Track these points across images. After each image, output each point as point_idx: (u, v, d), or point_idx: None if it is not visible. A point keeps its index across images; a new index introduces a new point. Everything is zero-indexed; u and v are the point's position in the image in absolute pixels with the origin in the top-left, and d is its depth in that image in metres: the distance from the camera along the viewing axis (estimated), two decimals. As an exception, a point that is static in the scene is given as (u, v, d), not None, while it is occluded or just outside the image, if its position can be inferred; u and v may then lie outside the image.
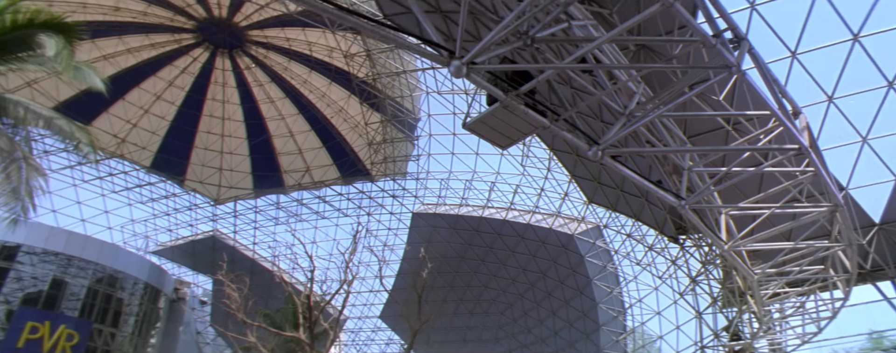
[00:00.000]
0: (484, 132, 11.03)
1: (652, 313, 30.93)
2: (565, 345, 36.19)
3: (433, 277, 27.22)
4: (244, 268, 29.31)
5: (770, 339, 21.01)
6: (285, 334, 23.42)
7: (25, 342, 29.38)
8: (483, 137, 11.33)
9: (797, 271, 15.06)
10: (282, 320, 28.94)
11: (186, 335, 40.82)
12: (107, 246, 36.22)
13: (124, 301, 35.59)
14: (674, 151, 12.65)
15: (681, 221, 23.54)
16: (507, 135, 11.03)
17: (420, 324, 21.33)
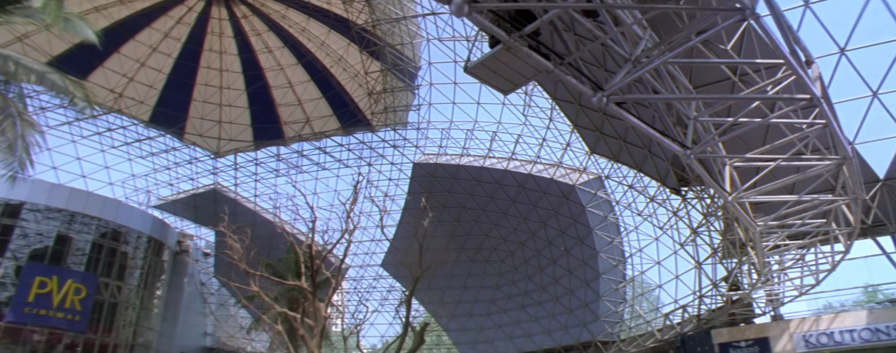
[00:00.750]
0: (485, 76, 10.71)
1: (652, 262, 31.25)
2: (565, 292, 36.69)
3: (434, 226, 27.33)
4: (246, 220, 29.39)
5: (768, 290, 21.22)
6: (288, 282, 23.76)
7: (35, 297, 30.19)
8: (484, 81, 11.03)
9: (799, 225, 15.01)
10: (284, 269, 29.34)
11: (191, 287, 41.49)
12: (109, 202, 36.42)
13: (129, 255, 36.11)
14: (680, 98, 12.35)
15: (683, 172, 23.43)
16: (509, 79, 10.72)
17: (421, 272, 21.51)
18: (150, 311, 37.48)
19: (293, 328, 21.37)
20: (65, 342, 31.68)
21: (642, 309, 33.78)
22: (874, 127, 17.06)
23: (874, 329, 20.31)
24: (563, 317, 37.09)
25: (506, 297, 40.66)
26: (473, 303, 42.05)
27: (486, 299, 41.58)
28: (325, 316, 21.43)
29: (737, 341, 23.32)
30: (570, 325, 36.75)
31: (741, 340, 23.26)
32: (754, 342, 22.88)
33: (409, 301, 22.47)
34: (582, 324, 35.86)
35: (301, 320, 20.19)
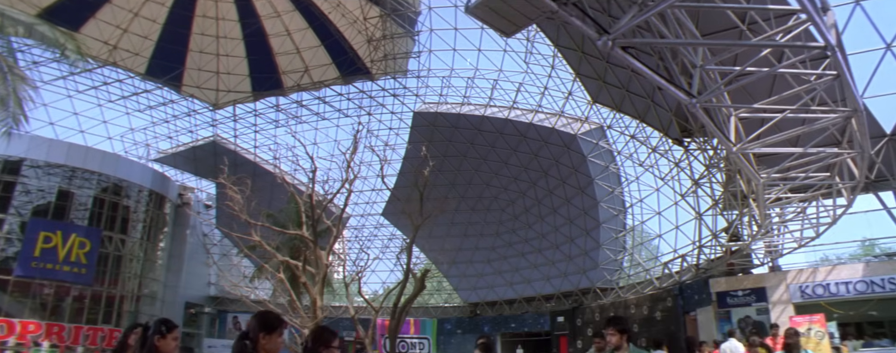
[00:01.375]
0: (487, 17, 10.38)
1: (652, 213, 31.35)
2: (565, 240, 37.00)
3: (435, 175, 27.26)
4: (246, 171, 29.23)
5: (767, 241, 21.29)
6: (289, 232, 23.89)
7: (41, 251, 30.76)
8: (486, 22, 10.72)
9: (803, 178, 14.87)
10: (285, 219, 29.48)
11: (193, 238, 41.88)
12: (109, 156, 36.36)
13: (131, 208, 36.39)
14: (688, 43, 11.98)
15: (686, 123, 23.14)
16: (511, 20, 10.40)
17: (422, 220, 21.60)
18: (154, 262, 37.99)
19: (295, 275, 21.56)
20: (73, 295, 32.48)
21: (641, 258, 34.14)
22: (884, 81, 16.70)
23: (869, 282, 20.51)
24: (563, 264, 37.54)
25: (506, 244, 41.06)
26: (474, 251, 42.51)
27: (487, 246, 42.01)
28: (327, 264, 21.62)
29: (734, 290, 23.61)
30: (569, 272, 37.24)
31: (738, 289, 23.54)
32: (751, 291, 23.17)
33: (409, 249, 22.66)
34: (581, 271, 36.33)
35: (303, 268, 20.35)
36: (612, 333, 4.96)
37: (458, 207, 39.70)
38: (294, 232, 22.84)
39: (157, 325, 3.48)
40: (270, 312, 3.56)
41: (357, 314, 22.84)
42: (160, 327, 3.47)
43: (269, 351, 3.21)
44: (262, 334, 3.21)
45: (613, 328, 4.97)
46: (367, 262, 32.93)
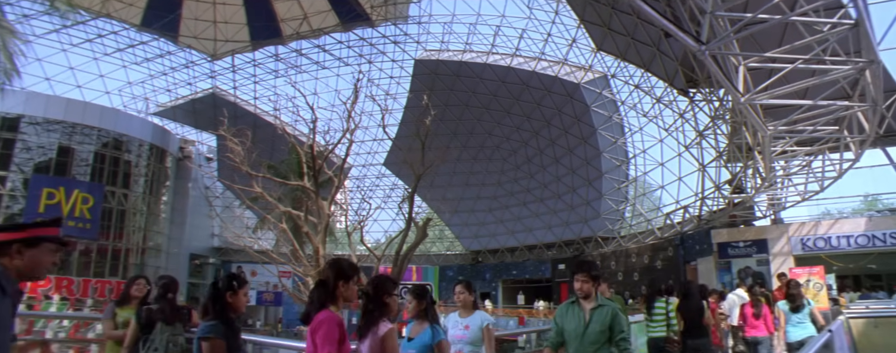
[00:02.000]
0: None
1: (655, 164, 31.15)
2: (567, 190, 37.00)
3: (436, 124, 27.01)
4: (246, 123, 28.97)
5: (770, 194, 21.19)
6: (291, 183, 23.78)
7: (45, 207, 31.02)
8: None
9: (810, 131, 14.61)
10: (287, 170, 29.31)
11: (195, 191, 41.96)
12: (107, 111, 35.99)
13: (132, 163, 36.33)
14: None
15: (692, 73, 22.66)
16: None
17: (423, 169, 21.46)
18: (157, 216, 38.23)
19: (297, 226, 21.59)
20: (79, 249, 32.83)
21: (643, 208, 34.16)
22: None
23: (870, 236, 20.60)
24: (565, 213, 37.69)
25: (508, 194, 41.13)
26: (475, 200, 42.63)
27: (488, 196, 42.10)
28: (329, 214, 21.60)
29: (735, 241, 23.71)
30: (571, 221, 37.42)
31: (740, 240, 23.64)
32: (752, 243, 23.28)
33: (411, 198, 22.63)
34: (583, 220, 36.49)
35: (305, 218, 20.34)
36: (584, 279, 4.46)
37: (460, 156, 39.57)
38: (295, 183, 22.73)
39: (228, 281, 3.40)
40: (346, 259, 3.56)
41: (359, 262, 22.93)
42: (231, 282, 3.40)
43: (346, 298, 3.27)
44: (341, 282, 3.25)
45: (584, 274, 4.46)
46: (369, 211, 33.19)
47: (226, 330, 3.30)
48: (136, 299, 5.08)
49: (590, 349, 4.33)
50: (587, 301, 4.46)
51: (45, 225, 2.59)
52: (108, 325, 5.08)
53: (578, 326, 4.40)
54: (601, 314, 4.37)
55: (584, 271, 4.47)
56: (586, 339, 4.34)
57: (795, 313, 7.78)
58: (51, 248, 2.55)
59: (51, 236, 2.57)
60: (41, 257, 2.51)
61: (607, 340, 4.32)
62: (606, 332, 4.32)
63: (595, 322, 4.36)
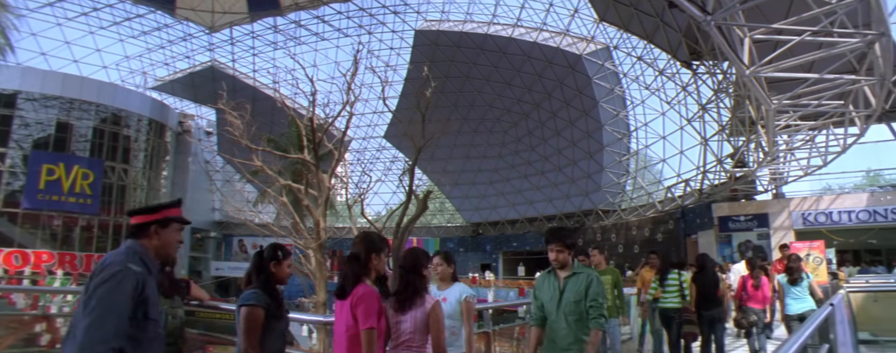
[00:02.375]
0: None
1: (657, 137, 30.94)
2: (568, 163, 36.90)
3: (437, 96, 26.79)
4: (246, 96, 28.62)
5: (772, 168, 21.09)
6: (291, 156, 23.68)
7: (46, 184, 31.07)
8: None
9: (815, 105, 14.43)
10: (286, 143, 29.21)
11: (195, 166, 41.89)
12: (105, 86, 35.69)
13: (131, 138, 36.24)
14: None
15: (696, 45, 22.33)
16: None
17: (424, 142, 21.41)
18: (158, 191, 38.28)
19: (298, 199, 21.63)
20: (81, 225, 33.04)
21: (644, 181, 34.09)
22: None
23: (872, 211, 20.60)
24: (566, 186, 37.65)
25: (508, 166, 41.04)
26: (476, 172, 42.55)
27: (489, 168, 42.01)
28: (329, 187, 21.60)
29: (736, 215, 23.69)
30: (571, 194, 37.41)
31: (741, 214, 23.63)
32: (753, 217, 23.26)
33: (412, 170, 22.62)
34: (584, 193, 36.49)
35: (305, 191, 20.36)
36: (558, 248, 4.09)
37: (461, 128, 39.34)
38: (296, 156, 22.64)
39: (273, 251, 3.37)
40: (375, 233, 3.72)
41: (360, 234, 23.00)
42: (276, 252, 3.37)
43: (377, 271, 3.41)
44: (373, 255, 3.40)
45: (558, 243, 4.10)
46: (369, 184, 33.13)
47: (268, 300, 3.26)
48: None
49: (567, 320, 4.03)
50: (563, 270, 4.17)
51: (171, 206, 2.83)
52: None
53: (553, 296, 4.12)
54: (576, 283, 4.08)
55: (558, 240, 4.12)
56: (562, 309, 4.06)
57: (794, 286, 7.95)
58: (177, 227, 2.81)
59: (176, 216, 2.82)
60: (171, 236, 2.77)
61: (584, 310, 4.03)
62: (581, 302, 4.02)
63: (570, 291, 4.06)
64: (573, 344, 4.01)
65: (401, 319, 3.42)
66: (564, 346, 4.03)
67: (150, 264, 2.62)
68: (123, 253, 2.56)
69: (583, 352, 3.99)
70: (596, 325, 3.96)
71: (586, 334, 3.99)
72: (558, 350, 4.05)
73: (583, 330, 4.01)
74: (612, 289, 7.10)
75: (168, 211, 2.78)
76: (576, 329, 4.01)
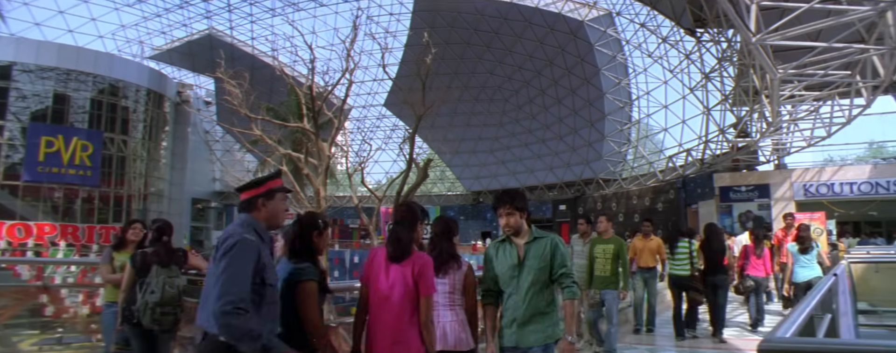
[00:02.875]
0: None
1: (658, 106, 30.71)
2: (569, 131, 36.74)
3: (437, 63, 26.48)
4: (244, 64, 28.21)
5: (775, 139, 20.94)
6: (290, 125, 23.51)
7: (45, 156, 31.01)
8: None
9: (822, 75, 14.21)
10: (286, 112, 28.96)
11: (195, 135, 41.64)
12: (102, 56, 35.23)
13: (130, 109, 35.99)
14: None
15: (700, 12, 21.95)
16: None
17: (424, 110, 21.18)
18: (158, 162, 38.24)
19: (298, 168, 21.52)
20: (82, 196, 33.08)
21: (645, 151, 33.96)
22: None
23: (874, 183, 20.58)
24: (567, 155, 37.55)
25: (509, 135, 40.87)
26: (477, 141, 42.41)
27: (490, 136, 41.84)
28: (329, 155, 21.48)
29: (738, 185, 23.65)
30: (572, 163, 37.34)
31: (742, 185, 23.58)
32: (754, 187, 23.23)
33: (412, 139, 22.48)
34: (584, 162, 36.41)
35: (305, 160, 20.24)
36: (508, 212, 3.54)
37: (461, 96, 39.02)
38: (295, 125, 22.47)
39: (314, 219, 3.40)
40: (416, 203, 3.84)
41: (361, 202, 23.00)
42: (317, 222, 3.39)
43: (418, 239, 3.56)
44: (419, 224, 3.55)
45: (507, 206, 3.55)
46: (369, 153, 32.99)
47: (318, 273, 3.26)
48: (133, 243, 5.16)
49: (528, 292, 3.47)
50: (519, 237, 3.59)
51: (273, 178, 2.99)
52: (106, 269, 5.17)
53: (512, 266, 3.53)
54: (538, 248, 3.52)
55: (506, 203, 3.56)
56: (523, 280, 3.49)
57: (804, 254, 8.28)
58: (282, 196, 2.96)
59: (279, 186, 2.97)
60: (277, 206, 2.93)
61: (549, 279, 3.50)
62: (546, 269, 3.48)
63: (531, 258, 3.50)
64: (536, 317, 3.46)
65: (439, 282, 3.57)
66: (527, 319, 3.46)
67: (263, 233, 2.83)
68: (239, 225, 2.78)
69: (551, 328, 3.49)
70: (570, 294, 3.43)
71: (550, 306, 3.51)
72: (520, 328, 3.47)
73: (545, 301, 3.51)
74: (614, 258, 7.00)
75: (271, 183, 2.94)
76: (538, 301, 3.48)
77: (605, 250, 7.05)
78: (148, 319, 4.34)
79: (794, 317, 1.99)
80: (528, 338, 3.46)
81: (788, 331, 1.76)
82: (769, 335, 1.63)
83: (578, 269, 7.42)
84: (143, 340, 4.52)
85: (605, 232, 7.24)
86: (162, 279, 4.45)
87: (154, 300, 4.36)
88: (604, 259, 7.03)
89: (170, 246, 4.74)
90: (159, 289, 4.41)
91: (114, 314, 4.88)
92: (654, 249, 8.91)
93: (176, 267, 4.64)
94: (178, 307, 4.51)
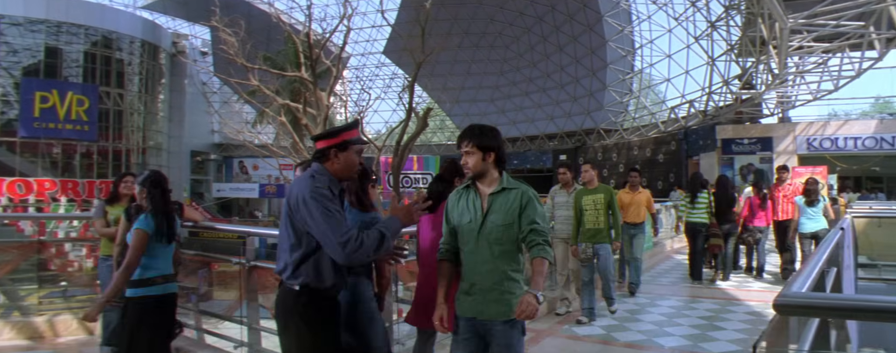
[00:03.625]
0: None
1: (662, 55, 30.22)
2: (570, 80, 36.31)
3: (437, 8, 26.04)
4: (240, 12, 27.33)
5: (780, 92, 20.68)
6: (288, 74, 23.28)
7: (41, 112, 30.72)
8: None
9: (834, 25, 13.89)
10: (283, 61, 28.57)
11: (192, 87, 41.00)
12: (92, 6, 34.29)
13: (125, 61, 35.36)
14: None
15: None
16: None
17: (424, 57, 20.98)
18: (155, 115, 37.85)
19: (297, 118, 21.43)
20: (80, 152, 32.90)
21: (647, 101, 33.64)
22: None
23: (879, 138, 20.49)
24: (567, 104, 37.25)
25: (510, 83, 40.41)
26: (477, 89, 41.98)
27: (490, 85, 41.39)
28: (328, 105, 21.37)
29: (740, 138, 23.51)
30: (573, 112, 37.07)
31: (744, 137, 23.44)
32: (757, 140, 23.10)
33: (411, 87, 22.33)
34: (585, 112, 36.15)
35: (304, 110, 20.12)
36: (469, 150, 2.92)
37: (461, 43, 38.40)
38: (293, 74, 22.25)
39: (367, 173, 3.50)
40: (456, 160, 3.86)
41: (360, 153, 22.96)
42: (370, 175, 3.54)
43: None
44: (457, 179, 3.67)
45: (469, 143, 2.93)
46: (368, 102, 32.73)
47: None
48: (126, 196, 5.14)
49: (490, 250, 2.85)
50: (485, 184, 2.96)
51: (349, 129, 2.89)
52: (100, 223, 5.13)
53: (473, 218, 2.91)
54: (506, 201, 2.88)
55: (468, 139, 2.94)
56: (484, 236, 2.87)
57: (810, 207, 8.69)
58: (357, 148, 2.89)
59: (354, 138, 2.89)
60: (351, 158, 2.86)
61: (516, 239, 2.86)
62: (513, 227, 2.84)
63: (497, 212, 2.87)
64: (499, 284, 2.84)
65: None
66: (488, 286, 2.85)
67: (333, 185, 2.77)
68: (310, 176, 2.73)
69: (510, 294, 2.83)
70: (539, 253, 2.80)
71: (516, 269, 2.88)
72: (479, 292, 2.87)
73: (511, 264, 2.87)
74: (605, 209, 6.54)
75: (346, 134, 2.86)
76: (502, 263, 2.85)
77: (595, 200, 6.54)
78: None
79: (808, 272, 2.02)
80: (488, 309, 2.84)
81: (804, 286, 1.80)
82: (785, 290, 1.66)
83: (564, 221, 6.97)
84: None
85: (591, 182, 6.71)
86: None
87: None
88: (594, 210, 6.53)
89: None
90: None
91: (109, 268, 4.88)
92: (643, 203, 8.59)
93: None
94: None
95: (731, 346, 5.38)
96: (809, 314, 1.78)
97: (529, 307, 2.61)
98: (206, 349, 4.79)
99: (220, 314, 5.36)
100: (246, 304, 4.46)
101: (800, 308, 1.67)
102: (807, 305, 1.66)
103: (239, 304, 4.82)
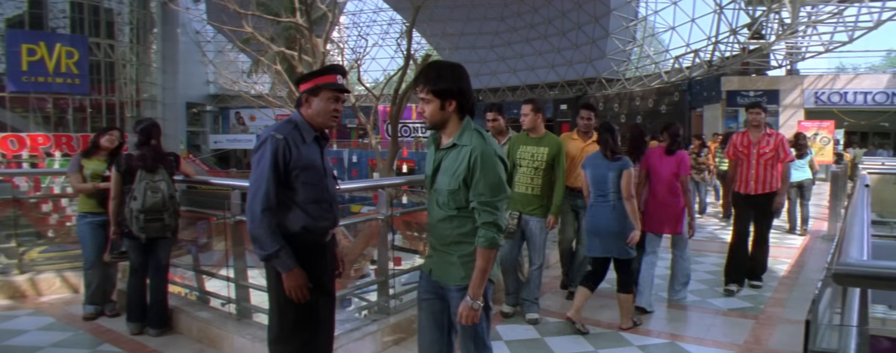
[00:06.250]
0: None
1: (667, 3, 29.36)
2: (572, 27, 35.55)
3: (436, -52, 25.11)
4: (232, -47, 26.62)
5: (790, 43, 20.13)
6: (282, 20, 22.63)
7: (29, 65, 29.91)
8: None
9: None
10: (278, 6, 27.74)
11: (185, 37, 40.04)
12: None
13: (114, 10, 34.39)
14: None
15: None
16: None
17: (422, 1, 20.27)
18: (148, 66, 37.10)
19: (292, 66, 20.85)
20: (73, 105, 32.27)
21: (651, 50, 32.97)
22: None
23: (890, 94, 20.11)
24: (569, 52, 36.59)
25: (510, 29, 39.57)
26: (476, 35, 41.13)
27: (490, 31, 40.52)
28: (324, 52, 20.82)
29: (746, 90, 23.05)
30: (574, 61, 36.46)
31: (750, 89, 22.99)
32: (763, 92, 22.64)
33: (409, 33, 21.64)
34: (587, 60, 35.55)
35: (299, 58, 19.61)
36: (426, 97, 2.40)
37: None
38: (287, 20, 21.59)
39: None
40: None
41: (358, 101, 22.62)
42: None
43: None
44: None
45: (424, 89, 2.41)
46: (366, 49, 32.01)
47: None
48: (106, 150, 4.95)
49: (438, 213, 2.46)
50: (446, 136, 2.48)
51: (324, 73, 2.71)
52: (76, 178, 4.90)
53: (428, 175, 2.57)
54: (453, 160, 2.40)
55: (422, 83, 2.44)
56: (434, 197, 2.49)
57: (799, 159, 9.34)
58: (329, 95, 2.68)
59: (328, 83, 2.67)
60: (323, 105, 2.68)
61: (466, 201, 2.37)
62: (459, 192, 2.36)
63: (444, 172, 2.44)
64: (452, 247, 2.45)
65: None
66: (441, 247, 2.50)
67: (306, 132, 2.65)
68: (279, 123, 2.65)
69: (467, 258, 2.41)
70: (484, 241, 2.32)
71: (466, 235, 2.41)
72: (435, 253, 2.56)
73: (464, 228, 2.42)
74: (548, 169, 4.70)
75: (319, 79, 2.68)
76: (454, 226, 2.43)
77: (535, 154, 4.72)
78: (135, 227, 4.20)
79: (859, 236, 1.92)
80: (445, 272, 2.49)
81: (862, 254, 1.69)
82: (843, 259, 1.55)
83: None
84: (138, 250, 4.37)
85: (533, 128, 4.81)
86: (144, 185, 4.24)
87: (136, 207, 4.19)
88: (530, 169, 4.70)
89: (159, 150, 4.47)
90: (141, 195, 4.22)
91: (88, 225, 4.77)
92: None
93: (165, 172, 4.39)
94: (167, 213, 4.30)
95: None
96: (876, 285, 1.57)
97: (467, 315, 2.35)
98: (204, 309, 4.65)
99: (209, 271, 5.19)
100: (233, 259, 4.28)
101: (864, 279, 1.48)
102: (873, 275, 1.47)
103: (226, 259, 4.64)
